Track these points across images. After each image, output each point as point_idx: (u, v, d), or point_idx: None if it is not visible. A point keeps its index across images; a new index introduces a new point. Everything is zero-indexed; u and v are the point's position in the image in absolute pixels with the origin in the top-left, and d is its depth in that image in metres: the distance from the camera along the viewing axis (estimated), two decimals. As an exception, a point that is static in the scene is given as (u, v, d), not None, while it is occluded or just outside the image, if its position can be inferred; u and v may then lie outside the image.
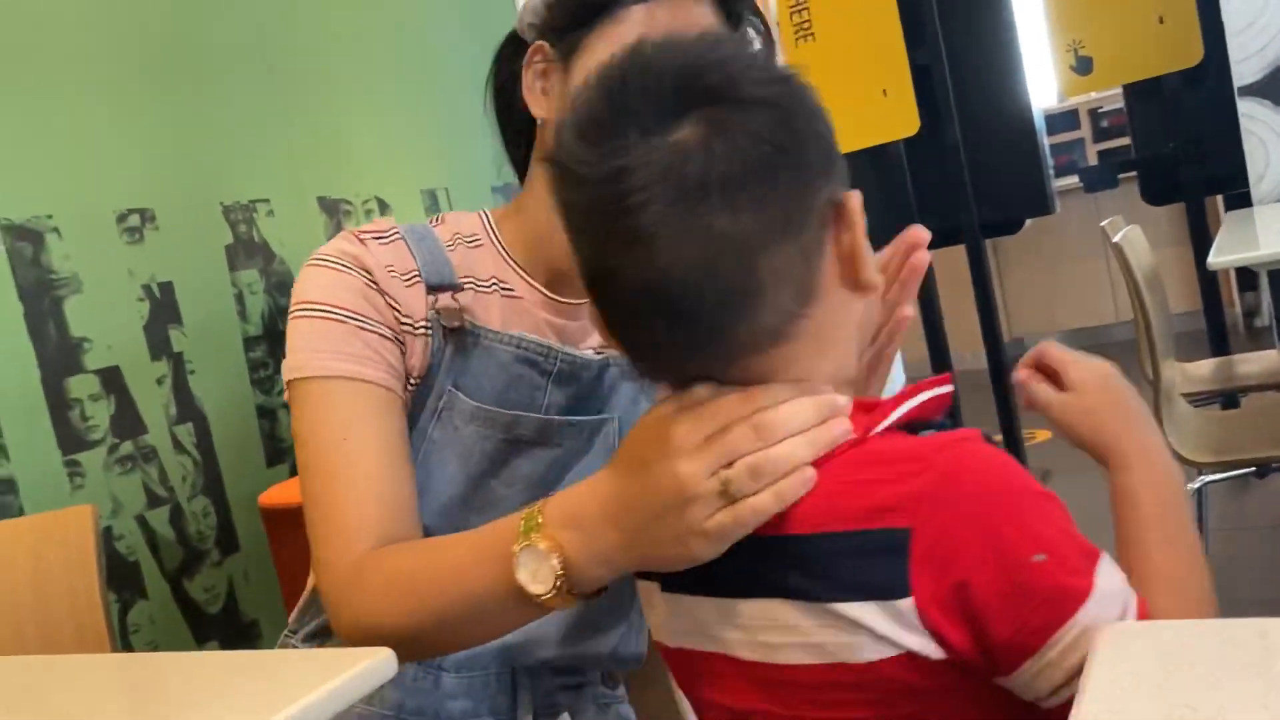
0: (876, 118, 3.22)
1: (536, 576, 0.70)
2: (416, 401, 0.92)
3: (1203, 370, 2.49)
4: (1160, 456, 0.70)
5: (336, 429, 0.87)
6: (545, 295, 0.97)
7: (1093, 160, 5.27)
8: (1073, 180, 4.79)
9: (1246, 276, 4.90)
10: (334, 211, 2.20)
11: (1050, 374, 0.74)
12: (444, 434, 0.92)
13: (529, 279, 0.98)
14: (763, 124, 0.59)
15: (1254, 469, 1.83)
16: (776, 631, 0.63)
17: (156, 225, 1.94)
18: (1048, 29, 3.08)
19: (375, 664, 0.61)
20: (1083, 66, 3.02)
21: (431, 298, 0.93)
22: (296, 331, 0.90)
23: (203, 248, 2.06)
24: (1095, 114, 5.29)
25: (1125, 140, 4.73)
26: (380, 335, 0.90)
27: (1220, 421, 2.11)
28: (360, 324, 0.89)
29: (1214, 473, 1.89)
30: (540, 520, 0.71)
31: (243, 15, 2.11)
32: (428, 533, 0.88)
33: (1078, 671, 0.53)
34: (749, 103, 0.59)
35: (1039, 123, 3.28)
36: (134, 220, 1.78)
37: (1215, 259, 1.63)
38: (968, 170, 3.31)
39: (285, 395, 0.91)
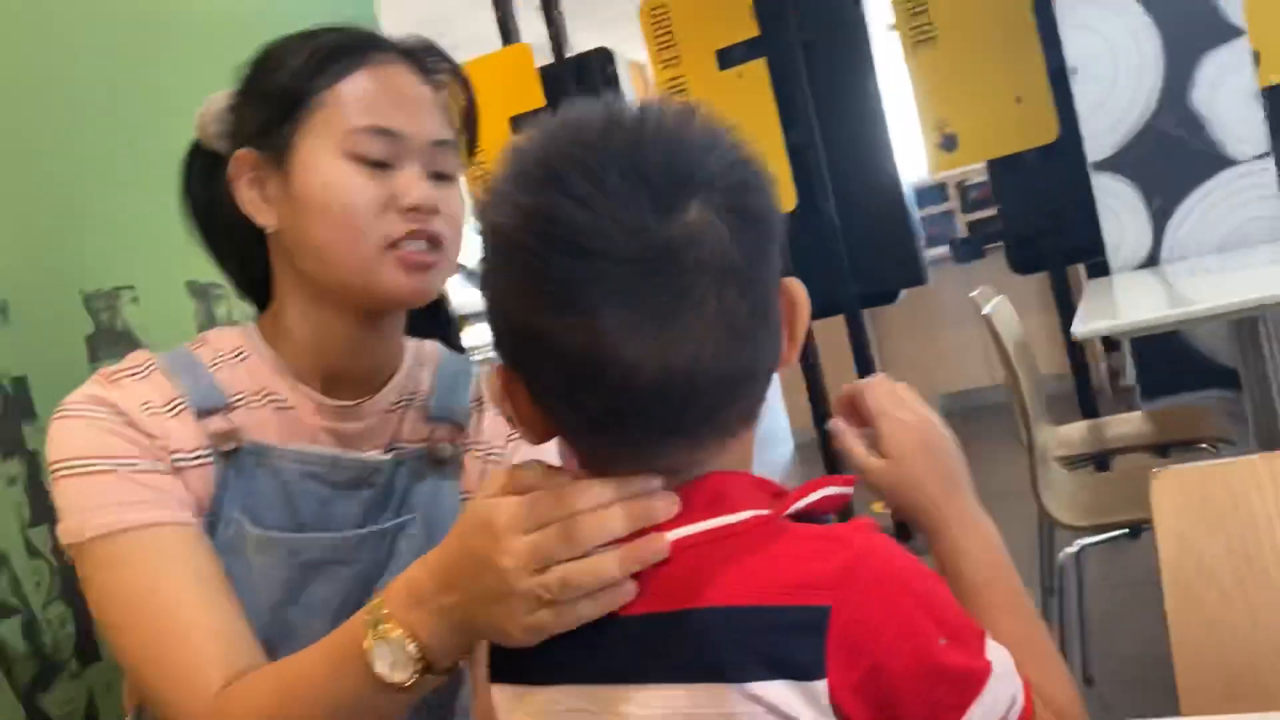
0: (755, 194, 3.30)
1: (396, 666, 0.69)
2: (211, 534, 0.86)
3: (1074, 434, 2.58)
4: (981, 523, 0.71)
5: (142, 584, 0.81)
6: (320, 401, 0.92)
7: (963, 231, 5.49)
8: (945, 250, 4.98)
9: (1111, 340, 5.13)
10: (204, 296, 2.13)
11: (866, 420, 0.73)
12: (236, 566, 0.86)
13: (302, 386, 0.92)
14: (755, 207, 0.59)
15: (1126, 530, 1.89)
16: None
17: (9, 317, 1.84)
18: (915, 108, 3.21)
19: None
20: (948, 144, 3.15)
21: (202, 423, 0.88)
22: (63, 493, 0.84)
23: (61, 339, 1.95)
24: (963, 186, 5.52)
25: (993, 211, 4.95)
26: (155, 473, 0.84)
27: (1093, 485, 2.18)
28: (130, 467, 0.83)
29: (1090, 535, 1.94)
30: (385, 610, 0.70)
31: (102, 89, 2.04)
32: None
33: None
34: (736, 188, 0.59)
35: (909, 198, 3.40)
36: (-15, 311, 1.69)
37: (1079, 328, 1.69)
38: (844, 244, 3.41)
39: (69, 559, 0.84)
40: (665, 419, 0.58)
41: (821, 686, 0.55)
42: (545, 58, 3.80)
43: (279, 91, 0.89)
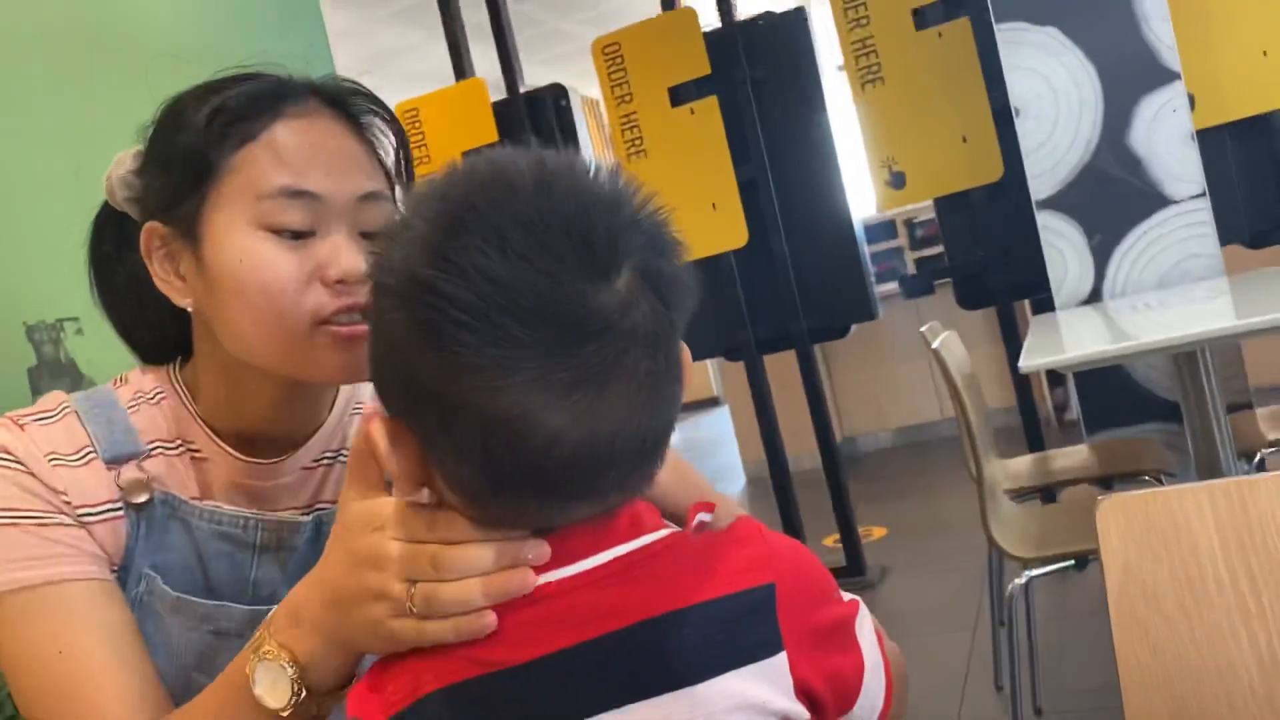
0: (708, 230, 3.33)
1: (274, 687, 0.68)
2: (123, 588, 0.82)
3: (1021, 467, 2.62)
4: None
5: (47, 644, 0.77)
6: (234, 456, 0.86)
7: (911, 267, 5.57)
8: (894, 286, 5.05)
9: (1055, 375, 5.22)
10: (151, 329, 2.10)
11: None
12: (146, 624, 0.82)
13: (216, 440, 0.87)
14: (673, 273, 0.59)
15: (1073, 561, 1.91)
16: None
17: (-52, 348, 1.79)
18: (864, 146, 3.27)
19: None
20: (896, 181, 3.20)
21: (114, 471, 0.82)
22: None
23: (2, 370, 1.91)
24: (911, 224, 5.61)
25: (940, 248, 5.03)
26: (58, 525, 0.79)
27: (1040, 517, 2.21)
28: (34, 519, 0.78)
29: (1037, 567, 1.96)
30: (268, 631, 0.70)
31: (48, 117, 2.01)
32: None
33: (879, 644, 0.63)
34: (660, 252, 0.58)
35: (859, 234, 3.45)
36: (-78, 343, 1.65)
37: (1025, 362, 1.72)
38: (795, 280, 3.45)
39: None
40: (579, 484, 0.57)
41: (782, 660, 0.56)
42: (499, 93, 3.82)
43: (182, 157, 0.80)
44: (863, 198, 3.69)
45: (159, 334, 0.91)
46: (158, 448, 0.85)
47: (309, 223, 0.80)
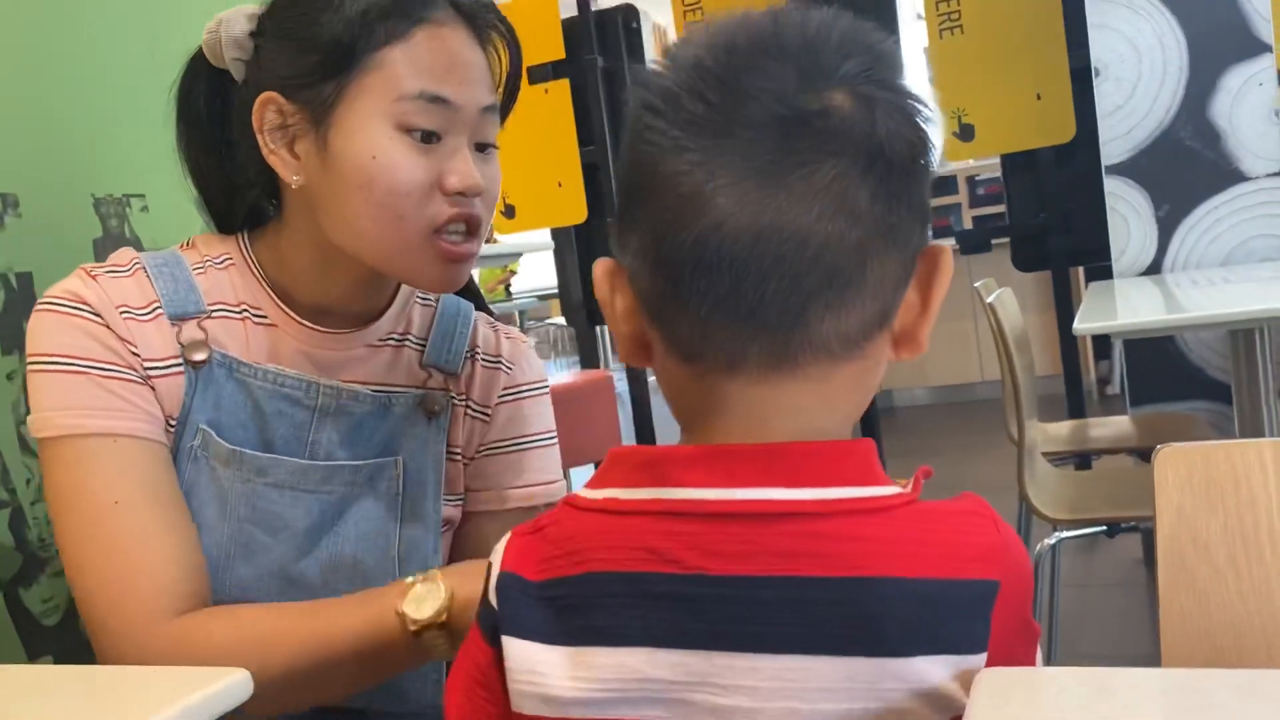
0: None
1: (422, 606, 0.76)
2: (175, 443, 0.85)
3: (1061, 431, 2.60)
4: None
5: (101, 493, 0.79)
6: (301, 324, 0.89)
7: (969, 224, 5.49)
8: (949, 242, 4.98)
9: (1101, 347, 5.16)
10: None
11: None
12: (199, 477, 0.85)
13: (283, 307, 0.89)
14: (911, 113, 0.55)
15: (1105, 528, 1.91)
16: (806, 696, 0.52)
17: (19, 212, 1.84)
18: (933, 94, 3.21)
19: (232, 683, 0.58)
20: (965, 133, 3.14)
21: (176, 328, 0.85)
22: (35, 388, 0.83)
23: (69, 240, 1.95)
24: (973, 181, 5.52)
25: (999, 208, 4.96)
26: (124, 380, 0.82)
27: (1075, 481, 2.20)
28: (101, 371, 0.82)
29: (1068, 529, 1.96)
30: (435, 572, 0.79)
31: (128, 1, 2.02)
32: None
33: None
34: (894, 89, 0.55)
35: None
36: (-5, 204, 1.69)
37: (1080, 325, 1.70)
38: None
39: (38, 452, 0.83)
40: (749, 290, 0.52)
41: (981, 661, 0.52)
42: (570, 10, 3.77)
43: (328, 42, 0.81)
44: (927, 148, 3.63)
45: (235, 199, 0.93)
46: (219, 309, 0.88)
47: (439, 126, 0.82)
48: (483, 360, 1.00)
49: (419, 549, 0.91)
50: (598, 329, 3.97)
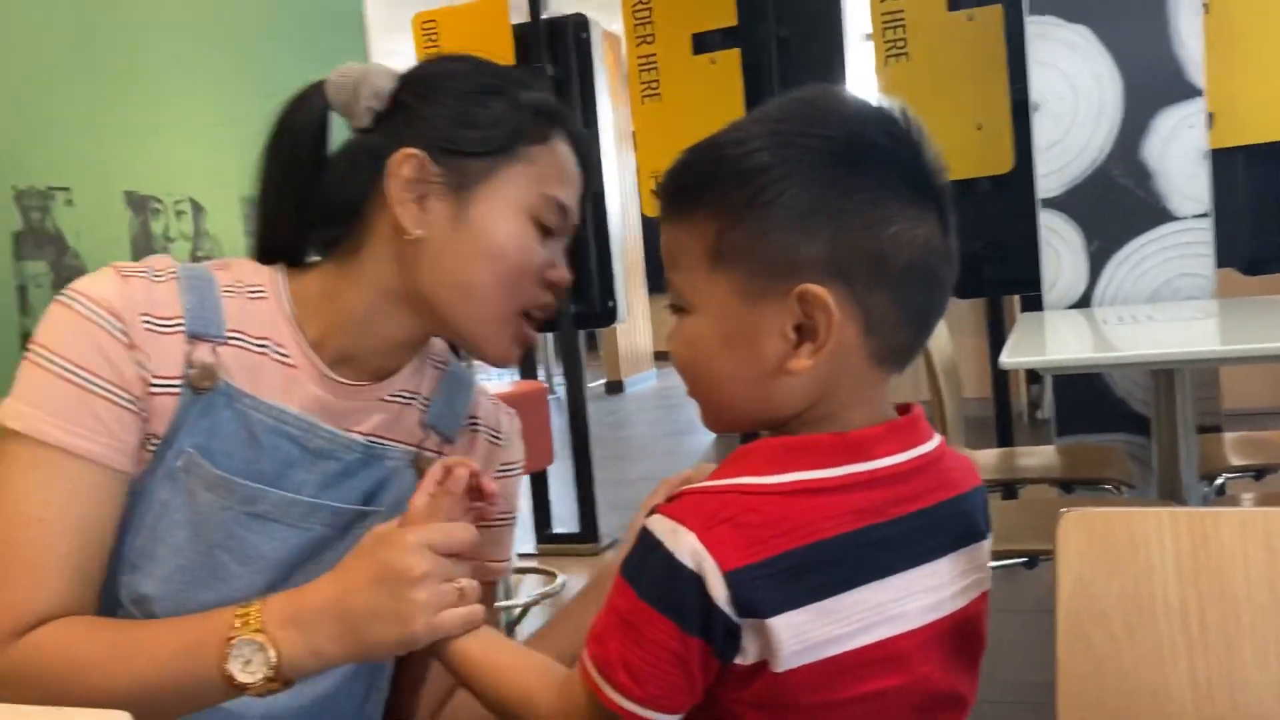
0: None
1: (248, 668, 0.76)
2: (154, 460, 0.85)
3: (989, 459, 2.64)
4: None
5: (36, 503, 0.80)
6: (321, 371, 0.91)
7: (907, 246, 5.56)
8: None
9: (1034, 371, 5.25)
10: (141, 208, 2.07)
11: None
12: (176, 498, 0.85)
13: (307, 351, 0.91)
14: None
15: (1025, 559, 1.94)
16: (966, 576, 0.72)
17: (-66, 202, 1.77)
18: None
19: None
20: (906, 160, 3.19)
21: (189, 348, 0.86)
22: (26, 376, 0.83)
23: (-13, 232, 1.88)
24: (913, 203, 5.59)
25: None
26: (112, 402, 0.82)
27: (999, 511, 2.23)
28: (93, 387, 0.82)
29: (990, 560, 1.98)
30: (260, 617, 0.77)
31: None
32: (146, 602, 0.84)
33: None
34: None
35: (862, 207, 3.43)
36: (-92, 194, 1.63)
37: (1007, 359, 1.73)
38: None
39: None
40: (920, 327, 0.72)
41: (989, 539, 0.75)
42: (521, 15, 3.76)
43: (491, 125, 0.89)
44: (870, 171, 3.67)
45: (291, 235, 0.95)
46: (237, 339, 0.88)
47: (556, 228, 0.93)
48: (486, 434, 1.04)
49: None
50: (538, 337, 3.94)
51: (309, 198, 0.93)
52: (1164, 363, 1.69)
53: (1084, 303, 2.72)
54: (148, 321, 0.85)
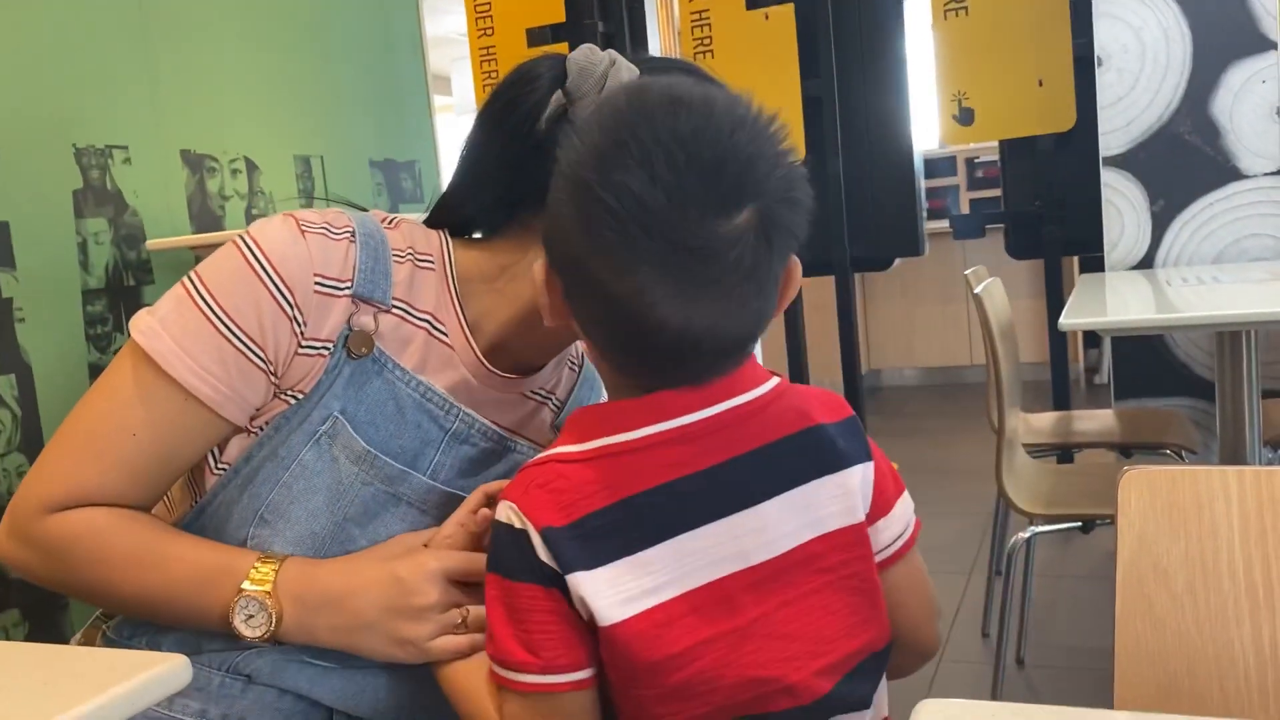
0: (764, 141, 3.26)
1: (250, 622, 0.80)
2: (291, 416, 0.84)
3: (1044, 423, 2.60)
4: None
5: (136, 419, 0.82)
6: (477, 356, 0.90)
7: (965, 207, 5.47)
8: (943, 224, 4.96)
9: (1091, 336, 5.15)
10: (197, 167, 2.09)
11: None
12: (319, 462, 0.84)
13: (467, 333, 0.89)
14: (793, 222, 0.71)
15: (1080, 523, 1.91)
16: (808, 511, 0.73)
17: (-2, 160, 1.79)
18: (935, 76, 3.18)
19: (168, 670, 0.57)
20: (965, 117, 3.12)
21: (354, 308, 0.85)
22: (175, 301, 0.83)
23: (48, 189, 1.92)
24: (971, 163, 5.49)
25: (997, 191, 4.93)
26: (245, 356, 0.82)
27: (1054, 475, 2.20)
28: (231, 337, 0.81)
29: (1044, 524, 1.96)
30: (274, 578, 0.81)
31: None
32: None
33: None
34: (784, 202, 0.70)
35: (918, 167, 3.38)
36: (-28, 152, 1.65)
37: (1066, 320, 1.69)
38: (845, 205, 3.38)
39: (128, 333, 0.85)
40: (677, 363, 0.71)
41: (870, 465, 0.77)
42: (572, -28, 3.71)
43: None
44: (926, 130, 3.60)
45: (490, 211, 0.91)
46: (401, 308, 0.87)
47: None
48: None
49: None
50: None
51: (519, 177, 0.88)
52: (1232, 324, 1.64)
53: (1146, 264, 2.66)
54: (320, 283, 0.83)
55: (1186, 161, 2.59)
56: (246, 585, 0.81)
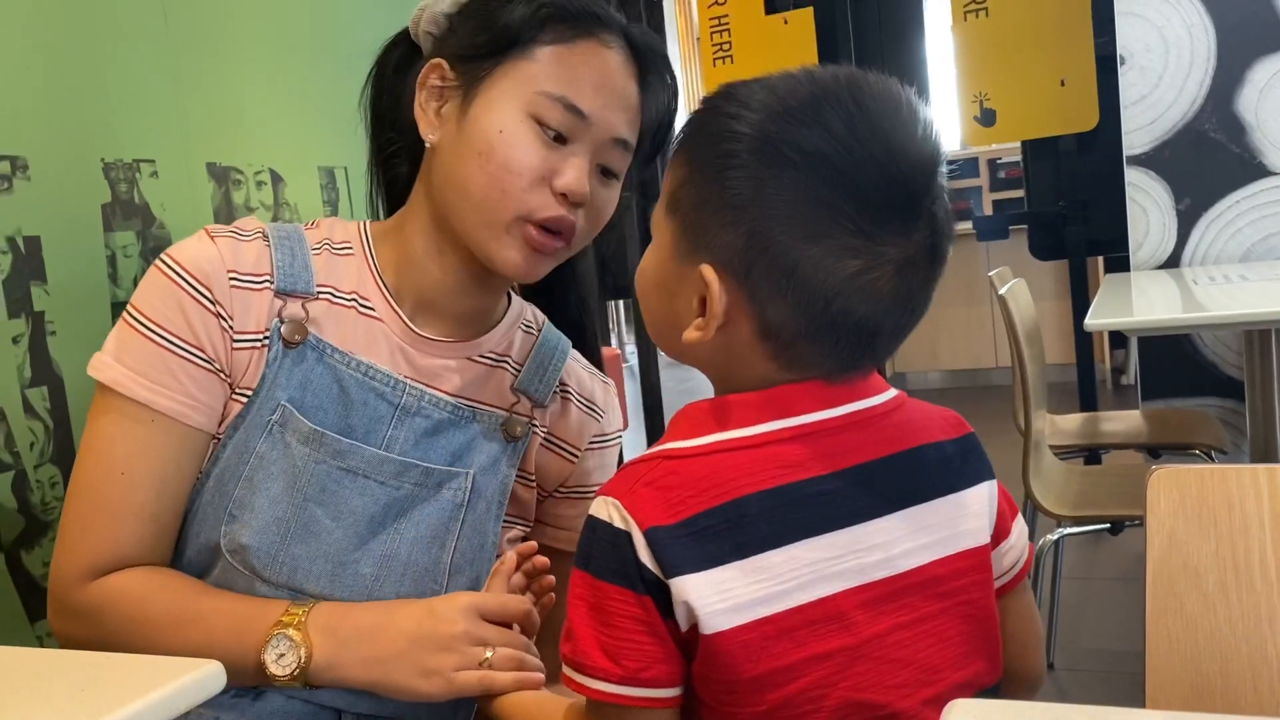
0: (785, 145, 3.26)
1: (281, 661, 0.81)
2: (245, 414, 0.88)
3: (1071, 424, 2.58)
4: None
5: (118, 457, 0.85)
6: (406, 324, 0.93)
7: (989, 208, 5.45)
8: (967, 226, 4.94)
9: (1118, 336, 5.12)
10: (223, 179, 2.11)
11: None
12: (273, 450, 0.88)
13: (392, 303, 0.93)
14: (950, 236, 0.73)
15: (1108, 525, 1.90)
16: (928, 532, 0.69)
17: (28, 175, 1.83)
18: (956, 77, 3.17)
19: (205, 675, 0.58)
20: (986, 118, 3.11)
21: (279, 302, 0.89)
22: (117, 334, 0.88)
23: (77, 204, 1.94)
24: (994, 164, 5.47)
25: (1020, 192, 4.91)
26: (188, 361, 0.87)
27: (1082, 476, 2.18)
28: (173, 347, 0.86)
29: (1072, 526, 1.95)
30: (305, 618, 0.83)
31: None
32: (243, 552, 0.86)
33: None
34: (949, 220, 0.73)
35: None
36: (3, 167, 1.68)
37: (1092, 321, 1.68)
38: (868, 207, 3.36)
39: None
40: (843, 346, 0.68)
41: (994, 483, 0.73)
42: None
43: (501, 26, 0.88)
44: (948, 131, 3.59)
45: (391, 168, 1.00)
46: (327, 293, 0.92)
47: (567, 131, 0.88)
48: (577, 402, 1.05)
49: (472, 564, 0.93)
50: (609, 305, 3.96)
51: (390, 128, 0.98)
52: (1260, 323, 1.63)
53: (1172, 263, 2.64)
54: (235, 279, 0.88)
55: (1211, 159, 2.57)
56: (279, 625, 0.83)
